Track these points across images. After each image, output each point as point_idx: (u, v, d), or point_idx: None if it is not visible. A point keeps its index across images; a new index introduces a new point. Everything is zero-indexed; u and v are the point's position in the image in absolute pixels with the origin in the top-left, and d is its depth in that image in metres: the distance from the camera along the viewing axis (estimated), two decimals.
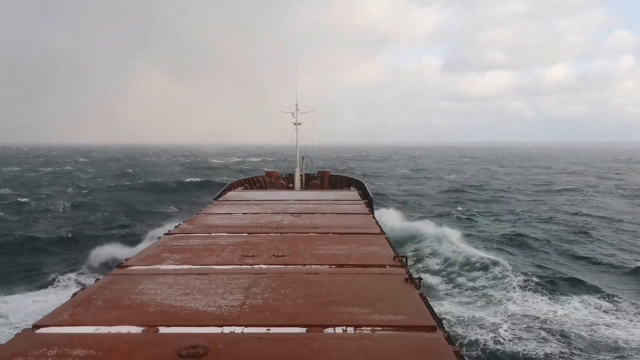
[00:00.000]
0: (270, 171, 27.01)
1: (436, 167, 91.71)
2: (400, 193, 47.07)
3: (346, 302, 5.53)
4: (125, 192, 44.84)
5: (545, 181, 60.39)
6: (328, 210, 12.92)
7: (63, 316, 5.16)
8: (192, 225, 10.79)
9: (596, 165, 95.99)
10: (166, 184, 50.02)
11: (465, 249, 21.25)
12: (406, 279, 6.46)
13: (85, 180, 57.79)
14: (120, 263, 7.47)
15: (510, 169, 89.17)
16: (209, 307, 5.38)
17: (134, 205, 36.41)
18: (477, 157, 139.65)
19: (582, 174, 73.52)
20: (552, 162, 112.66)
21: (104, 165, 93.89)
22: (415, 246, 22.82)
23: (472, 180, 61.62)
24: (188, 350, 4.21)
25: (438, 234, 23.46)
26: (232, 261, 7.52)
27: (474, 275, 18.21)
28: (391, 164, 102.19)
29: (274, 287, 6.09)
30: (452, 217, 32.37)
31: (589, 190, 48.77)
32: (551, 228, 28.39)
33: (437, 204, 39.41)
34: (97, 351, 4.25)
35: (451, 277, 18.44)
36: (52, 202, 36.42)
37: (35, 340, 4.52)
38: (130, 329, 4.81)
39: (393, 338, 4.61)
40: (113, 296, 5.79)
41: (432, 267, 19.83)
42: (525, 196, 45.11)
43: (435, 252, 21.51)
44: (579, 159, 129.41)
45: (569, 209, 35.72)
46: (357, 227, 10.44)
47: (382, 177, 66.22)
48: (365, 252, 8.09)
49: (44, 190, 45.58)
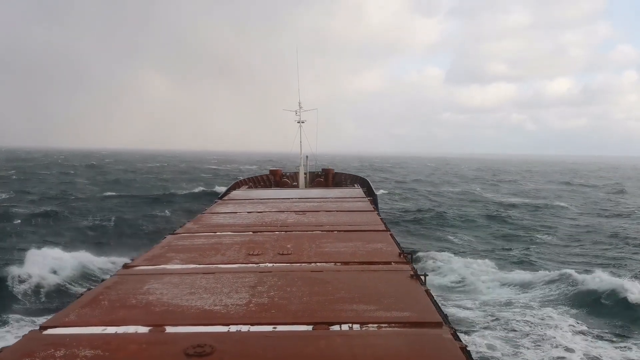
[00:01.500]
0: (275, 169, 27.05)
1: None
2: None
3: (352, 299, 5.53)
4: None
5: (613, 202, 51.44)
6: (333, 208, 12.93)
7: (70, 317, 5.19)
8: (197, 224, 10.82)
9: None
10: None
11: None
12: (411, 275, 6.46)
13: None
14: (126, 263, 7.50)
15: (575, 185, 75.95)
16: (215, 306, 5.39)
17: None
18: (505, 171, 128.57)
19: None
20: (580, 175, 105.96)
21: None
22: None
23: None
24: (195, 349, 4.22)
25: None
26: (237, 260, 7.53)
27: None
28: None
29: (280, 286, 6.09)
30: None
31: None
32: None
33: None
34: (104, 351, 4.27)
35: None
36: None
37: (42, 341, 4.54)
38: (137, 329, 4.82)
39: (399, 334, 4.60)
40: (119, 296, 5.81)
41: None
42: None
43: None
44: (606, 172, 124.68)
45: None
46: (362, 224, 10.44)
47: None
48: (371, 249, 8.09)
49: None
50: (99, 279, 16.76)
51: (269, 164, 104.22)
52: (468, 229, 32.78)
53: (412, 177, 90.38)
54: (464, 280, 19.63)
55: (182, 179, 70.93)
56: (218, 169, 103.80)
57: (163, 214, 35.81)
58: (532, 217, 38.86)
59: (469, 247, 27.22)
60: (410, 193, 57.62)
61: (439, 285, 18.53)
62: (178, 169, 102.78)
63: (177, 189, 54.30)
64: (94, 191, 50.68)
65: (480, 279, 19.53)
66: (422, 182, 78.64)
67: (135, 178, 72.22)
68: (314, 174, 26.85)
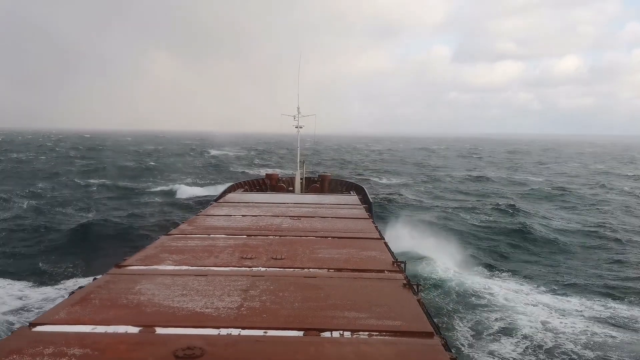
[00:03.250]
0: (271, 174, 27.09)
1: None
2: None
3: (344, 306, 5.53)
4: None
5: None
6: (328, 214, 12.93)
7: (60, 315, 5.16)
8: (192, 226, 10.80)
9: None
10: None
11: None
12: (404, 284, 6.46)
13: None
14: (118, 262, 7.47)
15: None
16: (207, 309, 5.38)
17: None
18: (524, 152, 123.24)
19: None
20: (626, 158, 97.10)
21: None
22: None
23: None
24: (185, 351, 4.21)
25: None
26: (230, 263, 7.51)
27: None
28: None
29: (272, 290, 6.08)
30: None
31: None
32: None
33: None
34: (94, 350, 4.24)
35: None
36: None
37: (31, 338, 4.51)
38: (127, 329, 4.80)
39: (390, 343, 4.60)
40: (110, 295, 5.79)
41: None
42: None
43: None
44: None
45: None
46: (356, 231, 10.45)
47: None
48: (364, 256, 8.08)
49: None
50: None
51: (258, 149, 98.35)
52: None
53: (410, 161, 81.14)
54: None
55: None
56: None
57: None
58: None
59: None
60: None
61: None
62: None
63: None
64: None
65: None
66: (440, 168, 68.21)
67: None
68: (310, 180, 26.87)
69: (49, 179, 45.18)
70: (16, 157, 72.86)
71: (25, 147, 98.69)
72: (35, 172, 50.46)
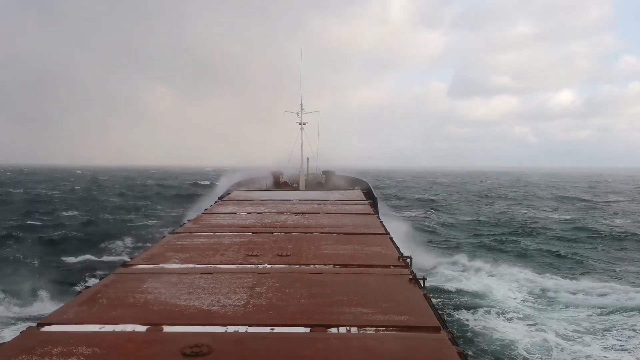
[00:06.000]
0: (275, 171, 27.06)
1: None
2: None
3: (350, 302, 5.53)
4: None
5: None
6: (332, 210, 12.93)
7: (68, 314, 5.19)
8: (197, 224, 10.83)
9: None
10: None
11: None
12: (410, 279, 6.45)
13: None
14: (125, 262, 7.50)
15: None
16: (213, 306, 5.39)
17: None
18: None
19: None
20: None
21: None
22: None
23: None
24: (192, 349, 4.22)
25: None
26: (236, 260, 7.53)
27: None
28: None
29: (278, 287, 6.09)
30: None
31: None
32: None
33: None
34: (102, 349, 4.26)
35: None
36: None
37: (40, 338, 4.54)
38: (134, 328, 4.82)
39: (397, 338, 4.60)
40: (117, 295, 5.81)
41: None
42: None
43: None
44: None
45: None
46: (361, 227, 10.44)
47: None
48: (370, 252, 8.08)
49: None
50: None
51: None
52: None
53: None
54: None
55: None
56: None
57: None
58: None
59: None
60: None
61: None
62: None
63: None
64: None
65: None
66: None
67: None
68: (315, 176, 26.86)
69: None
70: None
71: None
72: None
